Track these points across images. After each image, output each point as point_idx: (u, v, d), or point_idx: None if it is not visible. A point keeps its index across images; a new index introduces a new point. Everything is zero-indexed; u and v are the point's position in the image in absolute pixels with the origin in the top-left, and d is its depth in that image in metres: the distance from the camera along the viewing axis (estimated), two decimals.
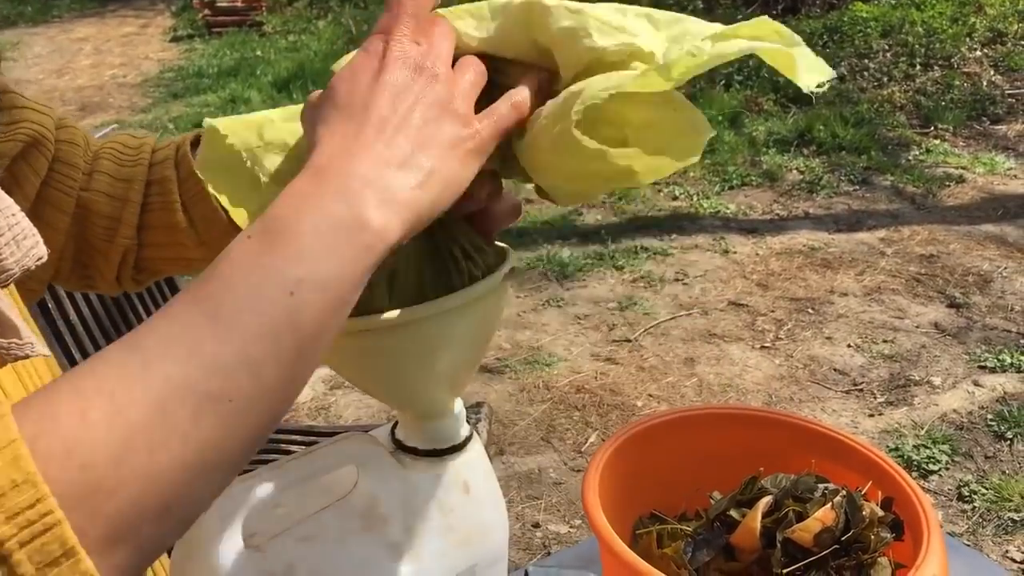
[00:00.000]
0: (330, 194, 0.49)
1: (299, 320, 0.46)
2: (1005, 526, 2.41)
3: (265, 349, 0.45)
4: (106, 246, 0.76)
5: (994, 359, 3.13)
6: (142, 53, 8.81)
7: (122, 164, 0.77)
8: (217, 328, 0.44)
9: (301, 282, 0.46)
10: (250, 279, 0.46)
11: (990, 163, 4.92)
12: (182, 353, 0.43)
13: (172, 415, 0.42)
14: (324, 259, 0.47)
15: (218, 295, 0.45)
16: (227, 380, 0.44)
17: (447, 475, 0.66)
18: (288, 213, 0.48)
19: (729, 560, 0.85)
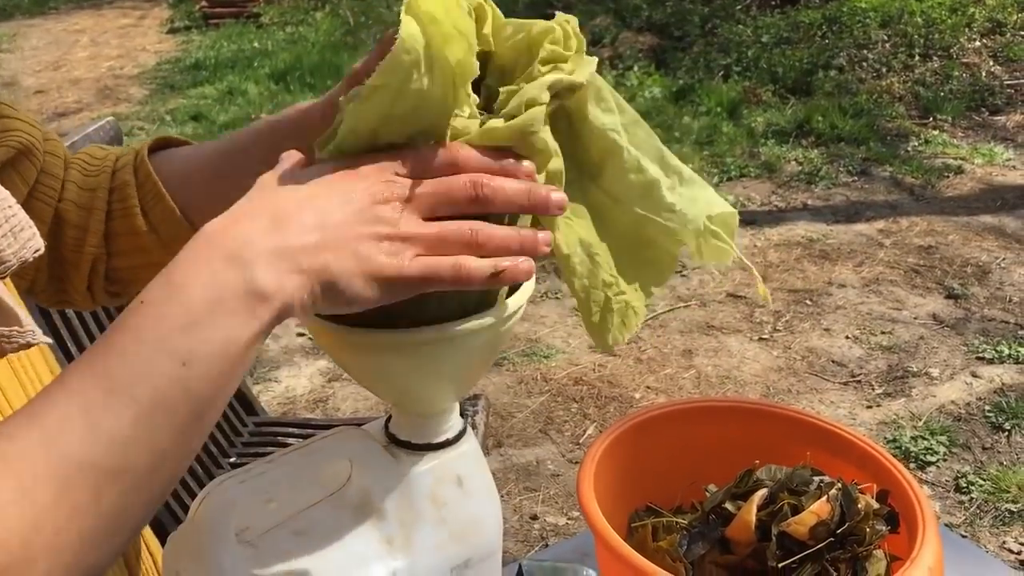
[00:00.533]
0: (220, 259, 0.49)
1: (193, 389, 0.47)
2: (1002, 517, 2.41)
3: (161, 420, 0.46)
4: (76, 256, 0.76)
5: (992, 350, 3.13)
6: (139, 45, 8.78)
7: (87, 174, 0.77)
8: (112, 402, 0.45)
9: (192, 352, 0.47)
10: (142, 351, 0.46)
11: (989, 154, 4.91)
12: (80, 430, 0.44)
13: (75, 493, 0.44)
14: (215, 327, 0.48)
15: (113, 369, 0.46)
16: (126, 454, 0.45)
17: (441, 469, 0.66)
18: (179, 279, 0.49)
19: (724, 553, 0.85)
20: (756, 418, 0.97)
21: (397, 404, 0.66)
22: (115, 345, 0.47)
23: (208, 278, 0.48)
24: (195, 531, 0.59)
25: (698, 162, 4.93)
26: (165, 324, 0.47)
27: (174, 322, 0.47)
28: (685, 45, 6.72)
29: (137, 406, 0.46)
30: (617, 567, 0.78)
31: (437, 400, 0.65)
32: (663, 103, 5.80)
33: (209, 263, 0.49)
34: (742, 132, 5.32)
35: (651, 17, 7.10)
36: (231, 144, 0.77)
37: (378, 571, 0.63)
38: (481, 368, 0.66)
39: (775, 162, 4.91)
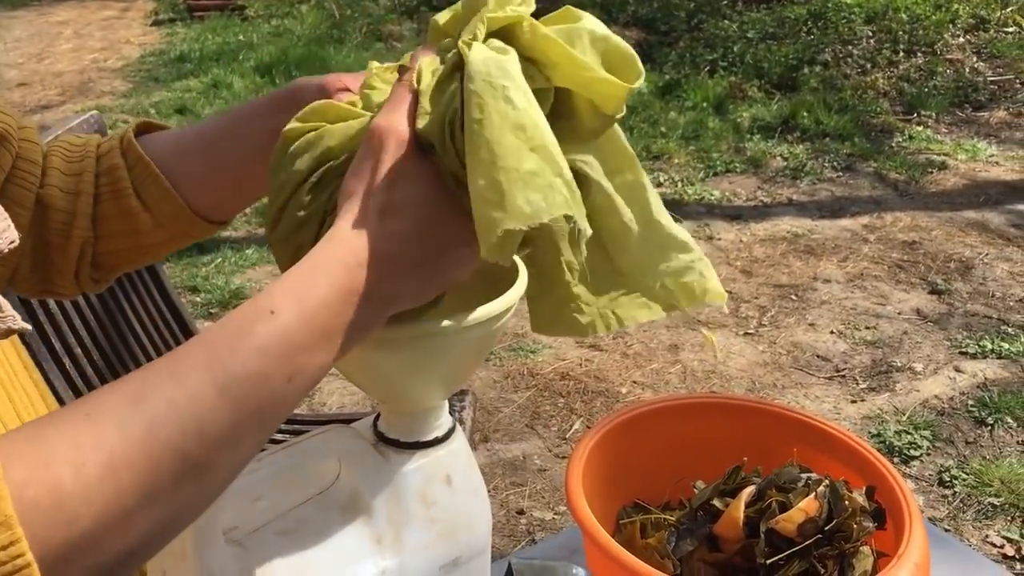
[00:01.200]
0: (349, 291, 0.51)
1: (284, 404, 0.49)
2: (985, 511, 2.43)
3: (252, 427, 0.48)
4: (63, 241, 0.76)
5: (975, 345, 3.15)
6: (123, 37, 8.72)
7: (71, 159, 0.77)
8: (221, 403, 0.46)
9: (301, 371, 0.49)
10: (264, 364, 0.48)
11: (972, 150, 4.94)
12: (186, 422, 0.45)
13: (161, 479, 0.44)
14: (327, 355, 0.50)
15: (230, 371, 0.47)
16: (216, 452, 0.46)
17: (429, 467, 0.66)
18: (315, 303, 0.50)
19: (712, 550, 0.85)
20: (744, 415, 0.97)
21: (386, 401, 0.66)
22: (237, 348, 0.48)
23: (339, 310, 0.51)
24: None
25: (684, 157, 4.94)
26: (291, 343, 0.49)
27: (299, 343, 0.49)
28: (671, 40, 6.72)
29: (241, 414, 0.47)
30: (605, 564, 0.78)
31: (426, 397, 0.65)
32: (649, 98, 5.81)
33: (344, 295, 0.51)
34: (728, 127, 5.33)
35: (637, 12, 7.10)
36: (233, 117, 0.77)
37: (367, 570, 0.63)
38: (472, 366, 0.65)
39: (761, 157, 4.93)
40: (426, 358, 0.59)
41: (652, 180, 3.38)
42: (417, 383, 0.62)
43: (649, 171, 4.74)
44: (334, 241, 0.52)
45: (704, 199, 4.46)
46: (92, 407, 0.45)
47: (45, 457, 0.42)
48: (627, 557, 0.77)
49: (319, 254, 0.52)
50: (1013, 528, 2.37)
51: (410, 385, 0.62)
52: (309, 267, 0.51)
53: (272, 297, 0.49)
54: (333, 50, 7.19)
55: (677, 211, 4.46)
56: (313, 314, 0.50)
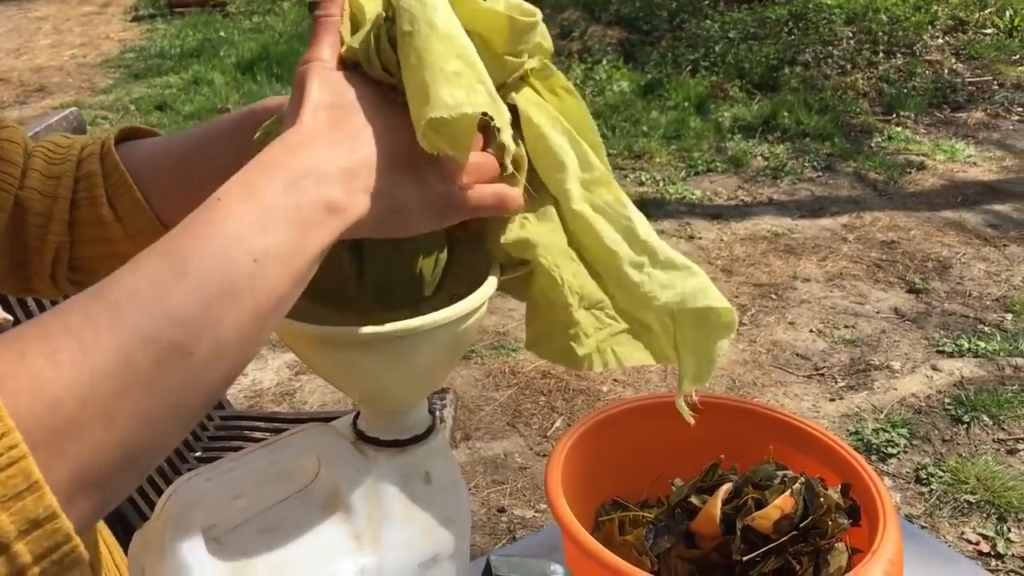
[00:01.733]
0: (297, 169, 0.51)
1: (259, 286, 0.48)
2: (961, 508, 2.46)
3: (226, 309, 0.47)
4: (39, 244, 0.75)
5: (952, 344, 3.18)
6: (102, 33, 8.65)
7: (52, 162, 0.77)
8: (183, 283, 0.46)
9: (266, 252, 0.49)
10: (218, 241, 0.48)
11: (950, 150, 4.99)
12: (148, 304, 0.45)
13: (137, 362, 0.44)
14: (289, 233, 0.50)
15: (186, 252, 0.47)
16: (189, 334, 0.46)
17: (409, 465, 0.66)
18: (258, 181, 0.51)
19: (690, 547, 0.86)
20: (722, 413, 0.98)
21: (364, 401, 0.66)
22: (191, 233, 0.48)
23: (287, 185, 0.51)
24: (161, 528, 0.58)
25: (665, 156, 4.96)
26: (242, 221, 0.49)
27: (251, 220, 0.49)
28: (653, 39, 6.75)
29: (206, 290, 0.46)
30: (584, 561, 0.79)
31: (404, 397, 0.65)
32: (631, 97, 5.82)
33: (289, 171, 0.51)
34: (709, 127, 5.35)
35: (620, 11, 7.12)
36: (203, 133, 0.76)
37: (346, 567, 0.63)
38: (447, 365, 0.66)
39: (742, 157, 4.95)
40: (399, 358, 0.60)
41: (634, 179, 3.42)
42: (393, 383, 0.63)
43: (631, 170, 4.77)
44: (276, 141, 0.53)
45: (685, 198, 4.48)
46: (60, 306, 0.45)
47: (18, 350, 0.42)
48: (605, 554, 0.78)
49: (263, 153, 0.53)
50: (988, 525, 2.39)
51: (386, 385, 0.63)
52: (254, 162, 0.52)
53: (220, 189, 0.50)
54: None
55: (658, 210, 4.51)
56: (257, 188, 0.50)
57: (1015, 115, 5.50)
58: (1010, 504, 2.44)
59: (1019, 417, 2.81)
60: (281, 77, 6.62)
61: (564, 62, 6.43)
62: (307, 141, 0.53)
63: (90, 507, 0.43)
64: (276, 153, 0.52)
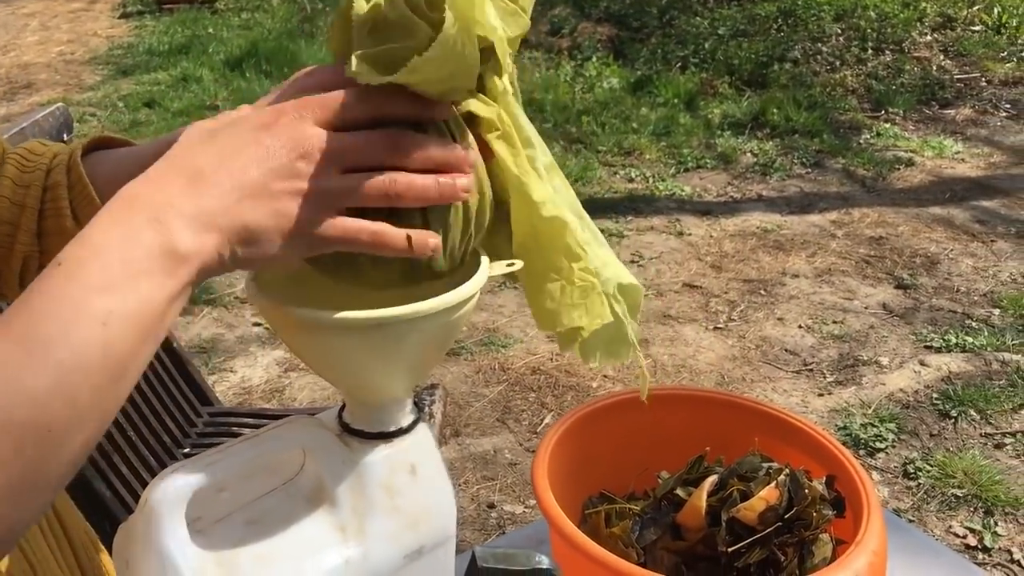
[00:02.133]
0: (139, 221, 0.50)
1: (112, 349, 0.48)
2: (949, 502, 2.47)
3: (80, 379, 0.47)
4: (7, 252, 0.74)
5: (940, 339, 3.19)
6: (90, 30, 8.61)
7: (24, 170, 0.76)
8: (32, 362, 0.45)
9: (111, 313, 0.48)
10: (62, 312, 0.47)
11: (939, 147, 5.01)
12: (2, 388, 0.45)
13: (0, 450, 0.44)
14: (133, 287, 0.49)
15: (32, 329, 0.46)
16: (45, 411, 0.45)
17: (394, 457, 0.66)
18: (98, 240, 0.49)
19: (676, 539, 0.86)
20: (707, 406, 0.99)
21: (350, 393, 0.66)
22: (35, 307, 0.47)
23: (126, 239, 0.49)
24: (146, 520, 0.58)
25: (655, 153, 4.96)
26: (83, 284, 0.48)
27: (92, 282, 0.48)
28: (643, 36, 6.75)
29: (56, 365, 0.46)
30: (570, 553, 0.79)
31: (390, 388, 0.65)
32: (621, 94, 5.83)
33: (128, 224, 0.50)
34: (699, 123, 5.36)
35: (610, 8, 7.12)
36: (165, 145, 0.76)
37: (331, 559, 0.64)
38: (433, 357, 0.66)
39: (731, 153, 4.97)
40: (386, 347, 0.60)
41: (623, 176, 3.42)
42: (379, 373, 0.63)
43: (620, 167, 4.77)
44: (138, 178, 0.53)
45: (675, 195, 4.49)
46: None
47: None
48: (591, 546, 0.78)
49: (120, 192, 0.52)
50: (976, 519, 2.41)
51: (373, 375, 0.63)
52: (104, 209, 0.51)
53: (60, 253, 0.49)
54: (304, 44, 7.15)
55: (648, 207, 4.52)
56: (93, 249, 0.49)
57: (1003, 112, 5.53)
58: (997, 498, 2.46)
59: (1006, 412, 2.82)
60: (270, 74, 6.60)
61: (554, 59, 6.43)
62: (160, 177, 0.52)
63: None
64: (124, 196, 0.51)
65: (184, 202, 0.51)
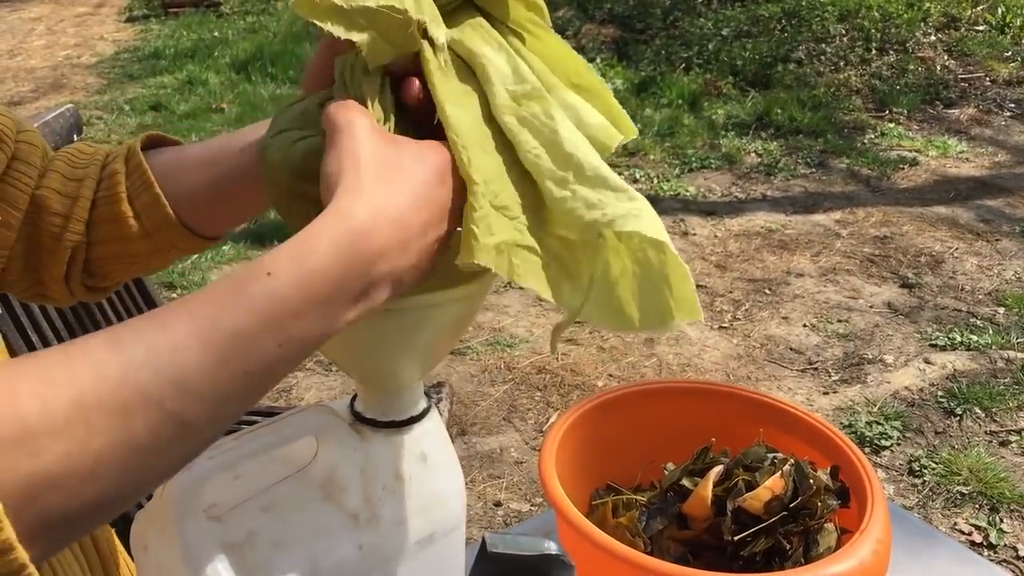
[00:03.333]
0: (355, 265, 0.50)
1: (271, 369, 0.48)
2: (954, 499, 2.48)
3: (238, 388, 0.47)
4: (54, 244, 0.76)
5: (944, 338, 3.20)
6: (97, 34, 8.65)
7: (75, 166, 0.78)
8: (204, 356, 0.45)
9: (292, 337, 0.48)
10: (252, 322, 0.47)
11: (943, 146, 5.01)
12: (164, 370, 0.44)
13: (134, 425, 0.43)
14: (325, 319, 0.50)
15: (216, 323, 0.46)
16: (194, 407, 0.45)
17: (405, 446, 0.67)
18: (312, 266, 0.49)
19: (682, 528, 0.87)
20: (712, 398, 1.00)
21: (364, 381, 0.68)
22: (227, 304, 0.47)
23: (339, 281, 0.50)
24: (163, 506, 0.60)
25: (660, 154, 4.97)
26: (284, 307, 0.48)
27: (292, 308, 0.48)
28: (647, 38, 6.76)
29: (225, 369, 0.46)
30: (578, 542, 0.80)
31: (403, 376, 0.66)
32: (625, 95, 5.84)
33: (345, 265, 0.50)
34: (703, 124, 5.37)
35: (613, 9, 7.13)
36: (236, 134, 0.77)
37: (344, 546, 0.65)
38: (448, 343, 0.67)
39: (735, 154, 4.97)
40: (401, 333, 0.61)
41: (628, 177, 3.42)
42: (392, 360, 0.64)
43: (625, 167, 4.78)
44: (337, 210, 0.51)
45: (679, 195, 4.50)
46: (72, 347, 0.44)
47: (15, 389, 0.41)
48: (599, 534, 0.80)
49: (321, 221, 0.51)
50: (981, 516, 2.41)
51: (385, 361, 0.64)
52: (311, 233, 0.50)
53: (271, 260, 0.49)
54: (309, 47, 7.17)
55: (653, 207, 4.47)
56: (308, 280, 0.49)
57: (1007, 111, 5.53)
58: (1002, 495, 2.46)
59: (1011, 409, 2.83)
60: (275, 76, 6.62)
61: None
62: (366, 230, 0.51)
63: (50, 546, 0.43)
64: (334, 233, 0.50)
65: (393, 262, 0.52)
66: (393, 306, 0.57)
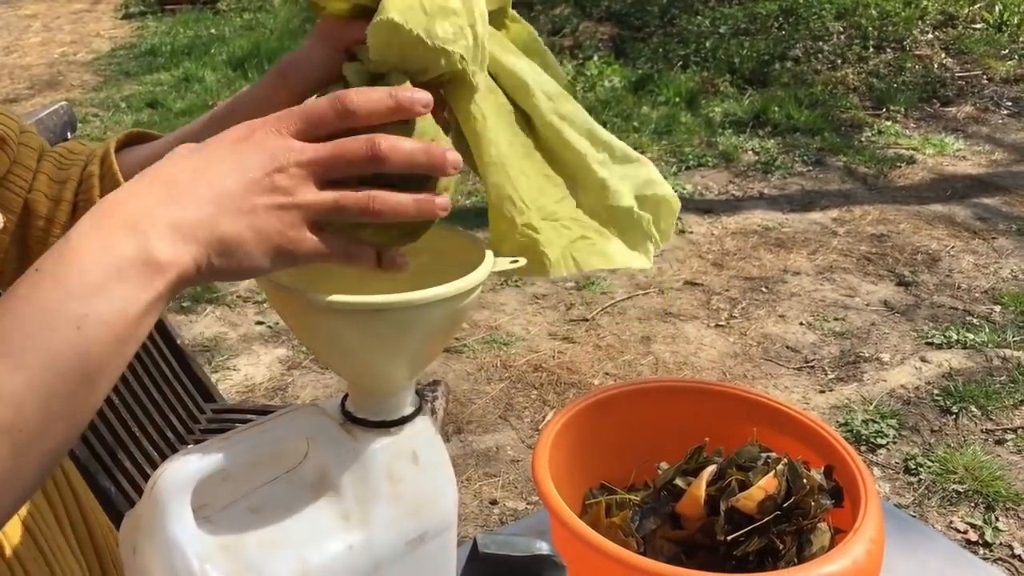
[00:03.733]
0: (118, 229, 0.50)
1: (86, 353, 0.48)
2: (950, 498, 2.48)
3: (53, 382, 0.47)
4: (41, 248, 0.76)
5: (941, 336, 3.20)
6: (93, 31, 8.63)
7: (61, 167, 0.78)
8: (6, 362, 0.46)
9: (86, 317, 0.48)
10: (36, 316, 0.48)
11: (940, 144, 5.01)
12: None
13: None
14: (110, 294, 0.49)
15: (7, 330, 0.47)
16: (17, 412, 0.46)
17: (396, 446, 0.67)
18: (76, 246, 0.50)
19: (675, 528, 0.87)
20: (706, 397, 1.00)
21: (355, 381, 0.67)
22: (9, 310, 0.48)
23: (105, 247, 0.50)
24: (151, 507, 0.59)
25: (656, 152, 4.97)
26: (60, 290, 0.48)
27: (70, 288, 0.48)
28: (644, 35, 6.75)
29: (29, 369, 0.47)
30: (571, 542, 0.80)
31: (395, 376, 0.66)
32: (622, 93, 5.83)
33: (108, 233, 0.50)
34: (700, 122, 5.36)
35: (611, 7, 7.12)
36: (183, 134, 0.77)
37: (335, 546, 0.65)
38: (438, 345, 0.67)
39: (732, 152, 4.97)
40: (392, 333, 0.61)
41: None
42: (384, 359, 0.64)
43: None
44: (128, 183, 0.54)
45: (676, 193, 4.48)
46: None
47: None
48: (592, 534, 0.79)
49: (102, 202, 0.52)
50: (977, 514, 2.41)
51: (377, 361, 0.64)
52: (85, 217, 0.52)
53: (40, 259, 0.50)
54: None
55: None
56: (70, 258, 0.49)
57: (1004, 109, 5.52)
58: (998, 493, 2.46)
59: (1007, 408, 2.83)
60: None
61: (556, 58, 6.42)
62: (140, 188, 0.52)
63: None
64: (106, 205, 0.52)
65: (162, 212, 0.51)
66: (382, 305, 0.57)
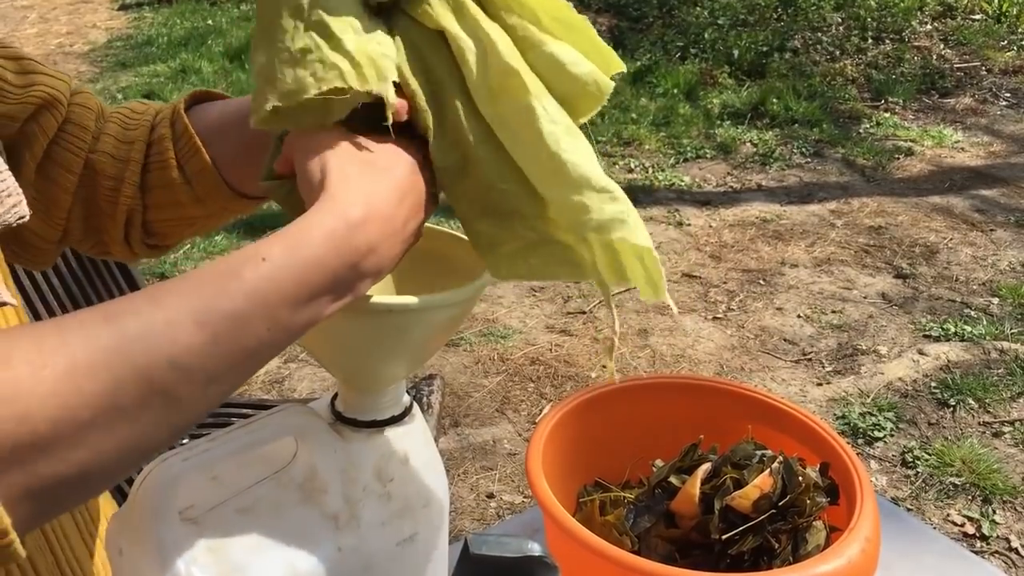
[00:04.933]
0: (346, 254, 0.52)
1: (259, 353, 0.49)
2: (947, 490, 2.47)
3: (226, 369, 0.48)
4: (111, 207, 0.76)
5: (939, 328, 3.19)
6: (89, 22, 8.59)
7: (127, 127, 0.77)
8: (196, 335, 0.46)
9: (282, 323, 0.50)
10: (246, 308, 0.48)
11: (938, 136, 5.00)
12: (156, 345, 0.45)
13: (123, 397, 0.44)
14: (315, 309, 0.51)
15: (211, 304, 0.47)
16: (183, 383, 0.46)
17: (386, 445, 0.66)
18: (306, 256, 0.51)
19: (670, 526, 0.87)
20: (701, 394, 0.99)
21: (348, 380, 0.67)
22: (222, 286, 0.48)
23: (331, 271, 0.51)
24: (137, 508, 0.59)
25: (655, 143, 4.95)
26: (277, 294, 0.49)
27: (286, 296, 0.49)
28: (643, 27, 6.73)
29: (215, 348, 0.47)
30: (565, 541, 0.79)
31: (389, 376, 0.65)
32: (621, 84, 5.81)
33: (339, 256, 0.51)
34: (698, 114, 5.35)
35: None
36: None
37: (324, 548, 0.64)
38: (438, 343, 0.66)
39: (730, 143, 4.96)
40: (391, 334, 0.60)
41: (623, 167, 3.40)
42: (380, 360, 0.63)
43: (620, 157, 4.76)
44: (332, 203, 0.53)
45: (674, 185, 4.48)
46: (67, 319, 0.45)
47: (8, 355, 0.42)
48: (585, 533, 0.79)
49: (316, 212, 0.52)
50: (974, 507, 2.41)
51: (373, 361, 0.63)
52: (306, 223, 0.52)
53: (267, 246, 0.50)
54: None
55: (647, 197, 4.51)
56: (303, 268, 0.50)
57: (1003, 101, 5.51)
58: (995, 486, 2.46)
59: (1004, 400, 2.83)
60: None
61: None
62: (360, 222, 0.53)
63: (34, 513, 0.43)
64: (329, 221, 0.52)
65: (382, 252, 0.54)
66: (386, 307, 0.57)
